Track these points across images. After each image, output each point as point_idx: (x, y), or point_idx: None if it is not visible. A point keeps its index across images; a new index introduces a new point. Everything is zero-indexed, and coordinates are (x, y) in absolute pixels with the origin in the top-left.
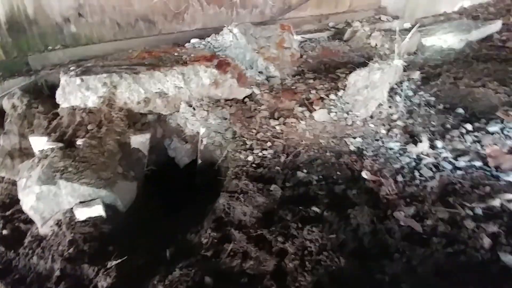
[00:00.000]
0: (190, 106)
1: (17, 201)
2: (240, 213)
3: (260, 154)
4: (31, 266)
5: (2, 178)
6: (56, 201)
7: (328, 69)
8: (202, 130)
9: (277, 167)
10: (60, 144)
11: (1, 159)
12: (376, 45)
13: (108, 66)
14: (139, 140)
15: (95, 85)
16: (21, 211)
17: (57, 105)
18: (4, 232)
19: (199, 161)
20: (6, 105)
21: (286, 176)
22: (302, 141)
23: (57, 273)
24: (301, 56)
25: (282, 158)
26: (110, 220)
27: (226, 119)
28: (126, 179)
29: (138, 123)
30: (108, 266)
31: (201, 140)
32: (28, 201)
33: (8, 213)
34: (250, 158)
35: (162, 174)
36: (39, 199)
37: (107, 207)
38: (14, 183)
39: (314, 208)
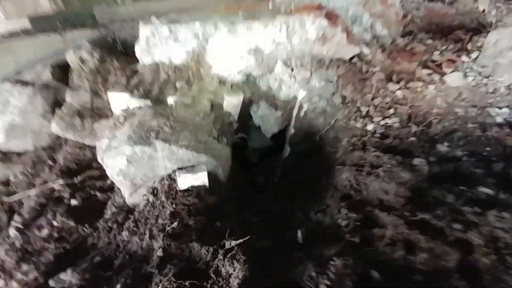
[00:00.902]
0: (288, 66)
1: (88, 166)
2: (379, 191)
3: (382, 122)
4: (118, 244)
5: (65, 140)
6: (151, 165)
7: (442, 30)
8: (301, 94)
9: (411, 138)
10: (148, 102)
11: (69, 118)
12: (484, 10)
13: (196, 18)
14: (232, 102)
15: (185, 36)
16: (94, 177)
17: (132, 62)
18: (74, 202)
19: (292, 131)
20: (72, 58)
21: (424, 149)
22: (432, 109)
23: (159, 253)
24: (405, 16)
25: (413, 128)
26: (213, 191)
27: (332, 81)
28: (222, 145)
29: (226, 83)
30: (227, 247)
31: (299, 106)
32: (115, 164)
33: (77, 180)
34: (370, 127)
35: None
36: (130, 162)
37: (209, 175)
38: (82, 147)
39: (483, 189)
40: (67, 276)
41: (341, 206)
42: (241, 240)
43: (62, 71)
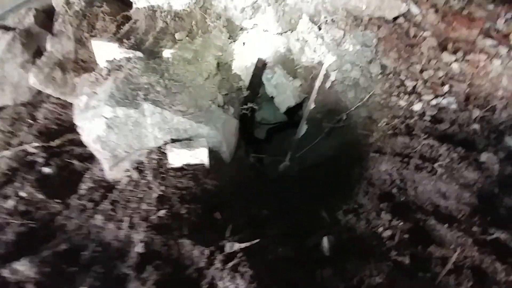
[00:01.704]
0: (315, 22)
1: (69, 129)
2: (434, 193)
3: (433, 102)
4: (90, 229)
5: (47, 96)
6: (137, 134)
7: None
8: (329, 60)
9: (473, 126)
10: (139, 53)
11: (48, 69)
12: None
13: None
14: (244, 63)
15: None
16: (74, 142)
17: (126, 7)
18: (46, 170)
19: (313, 105)
20: (58, 2)
21: (489, 141)
22: (497, 90)
23: (139, 248)
24: None
25: (475, 113)
26: (213, 173)
27: (369, 46)
28: (228, 115)
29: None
30: (228, 250)
31: (325, 75)
32: (92, 129)
33: (54, 144)
34: (418, 106)
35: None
36: (111, 128)
37: (210, 152)
38: (64, 105)
39: None
40: (23, 266)
41: (381, 208)
42: (247, 244)
43: (47, 16)
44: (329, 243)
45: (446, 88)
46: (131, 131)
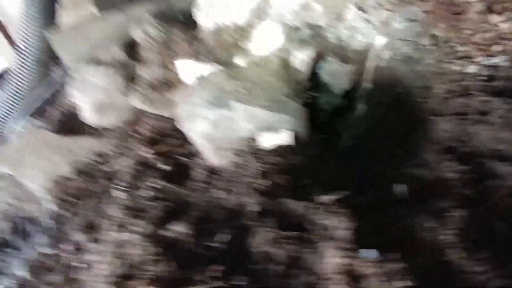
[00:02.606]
0: (361, 9)
1: (168, 135)
2: (492, 140)
3: (486, 62)
4: (213, 201)
5: (145, 113)
6: (231, 127)
7: None
8: (379, 41)
9: None
10: (217, 66)
11: (144, 91)
12: None
13: None
14: (301, 58)
15: None
16: (175, 145)
17: (194, 29)
18: (164, 167)
19: (368, 85)
20: (138, 34)
21: None
22: None
23: (254, 208)
24: None
25: None
26: (295, 150)
27: (417, 20)
28: (297, 104)
29: (293, 39)
30: (323, 201)
31: (376, 54)
32: (199, 130)
33: (162, 149)
34: (472, 69)
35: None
36: (211, 126)
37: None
38: (160, 118)
39: None
40: (177, 226)
41: (446, 159)
42: (338, 195)
43: (131, 48)
44: (404, 189)
45: (497, 48)
46: (227, 126)
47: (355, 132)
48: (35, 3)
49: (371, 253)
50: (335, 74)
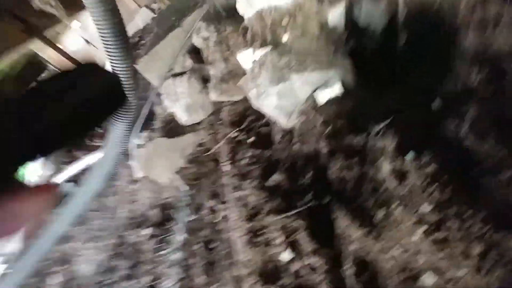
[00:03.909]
0: None
1: (244, 115)
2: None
3: None
4: (293, 154)
5: (221, 103)
6: (294, 95)
7: None
8: None
9: None
10: (268, 48)
11: (218, 86)
12: None
13: None
14: (335, 14)
15: None
16: (252, 121)
17: (239, 21)
18: (250, 140)
19: (402, 20)
20: (197, 40)
21: None
22: None
23: (324, 150)
24: None
25: None
26: (347, 98)
27: None
28: (341, 58)
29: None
30: (377, 129)
31: None
32: (269, 104)
33: (243, 126)
34: None
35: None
36: (279, 98)
37: (342, 85)
38: (233, 104)
39: None
40: (277, 176)
41: (471, 67)
42: (387, 121)
43: (197, 53)
44: (438, 102)
45: None
46: (290, 94)
47: (397, 61)
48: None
49: (410, 155)
50: (370, 15)
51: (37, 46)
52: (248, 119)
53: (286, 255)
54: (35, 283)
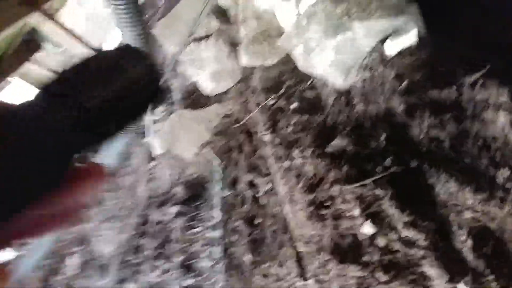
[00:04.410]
0: None
1: (280, 82)
2: None
3: None
4: (354, 115)
5: (252, 69)
6: (355, 47)
7: None
8: None
9: None
10: None
11: (251, 47)
12: None
13: None
14: None
15: None
16: (291, 86)
17: None
18: (293, 106)
19: None
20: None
21: None
22: None
23: (402, 107)
24: None
25: None
26: (422, 46)
27: None
28: (408, 3)
29: None
30: (473, 79)
31: None
32: (324, 60)
33: (281, 92)
34: None
35: None
36: (337, 52)
37: None
38: (266, 69)
39: None
40: (338, 141)
41: None
42: (484, 70)
43: (222, 13)
44: None
45: None
46: (350, 47)
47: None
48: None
49: None
50: None
51: (35, 20)
52: (285, 84)
53: (366, 229)
54: (53, 264)
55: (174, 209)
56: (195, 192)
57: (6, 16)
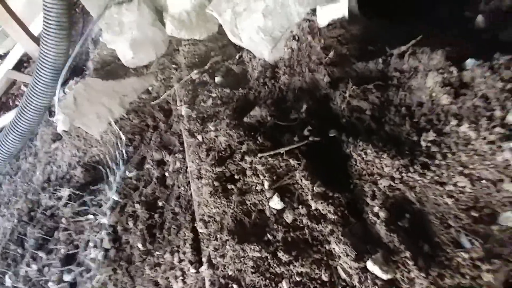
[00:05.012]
0: None
1: (207, 57)
2: None
3: None
4: (280, 87)
5: (178, 43)
6: (284, 14)
7: None
8: None
9: None
10: None
11: (177, 17)
12: None
13: None
14: None
15: None
16: (218, 62)
17: None
18: (218, 79)
19: None
20: None
21: None
22: None
23: (326, 79)
24: None
25: None
26: (353, 21)
27: None
28: None
29: None
30: (401, 50)
31: None
32: (252, 24)
33: (206, 67)
34: None
35: None
36: (266, 16)
37: None
38: (194, 43)
39: None
40: (257, 112)
41: None
42: (417, 39)
43: None
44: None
45: None
46: (280, 14)
47: None
48: None
49: (469, 62)
50: None
51: None
52: (213, 60)
53: (274, 204)
54: None
55: (67, 193)
56: (94, 176)
57: None
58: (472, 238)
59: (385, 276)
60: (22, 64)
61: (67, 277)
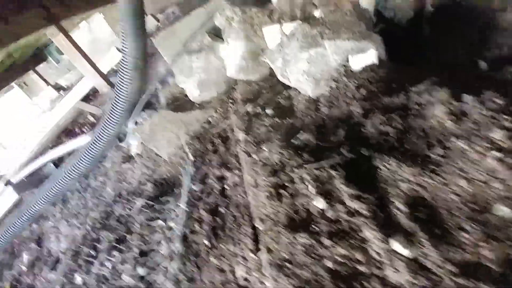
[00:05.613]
0: None
1: (259, 94)
2: None
3: None
4: (322, 116)
5: (235, 83)
6: (324, 62)
7: None
8: None
9: None
10: (299, 21)
11: (237, 62)
12: None
13: None
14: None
15: None
16: (268, 98)
17: (266, 3)
18: (268, 112)
19: (430, 8)
20: (220, 20)
21: None
22: None
23: (359, 110)
24: None
25: None
26: (382, 66)
27: None
28: (373, 33)
29: None
30: (420, 89)
31: None
32: (298, 70)
33: (259, 101)
34: None
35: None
36: (309, 63)
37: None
38: (249, 83)
39: None
40: (303, 135)
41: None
42: (432, 79)
43: (215, 33)
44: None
45: None
46: (320, 61)
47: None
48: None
49: (466, 97)
50: (397, 7)
51: (50, 33)
52: (264, 96)
53: (318, 203)
54: (7, 260)
55: (140, 202)
56: (162, 190)
57: (27, 27)
58: (472, 223)
59: (406, 253)
60: (88, 96)
61: (141, 271)
